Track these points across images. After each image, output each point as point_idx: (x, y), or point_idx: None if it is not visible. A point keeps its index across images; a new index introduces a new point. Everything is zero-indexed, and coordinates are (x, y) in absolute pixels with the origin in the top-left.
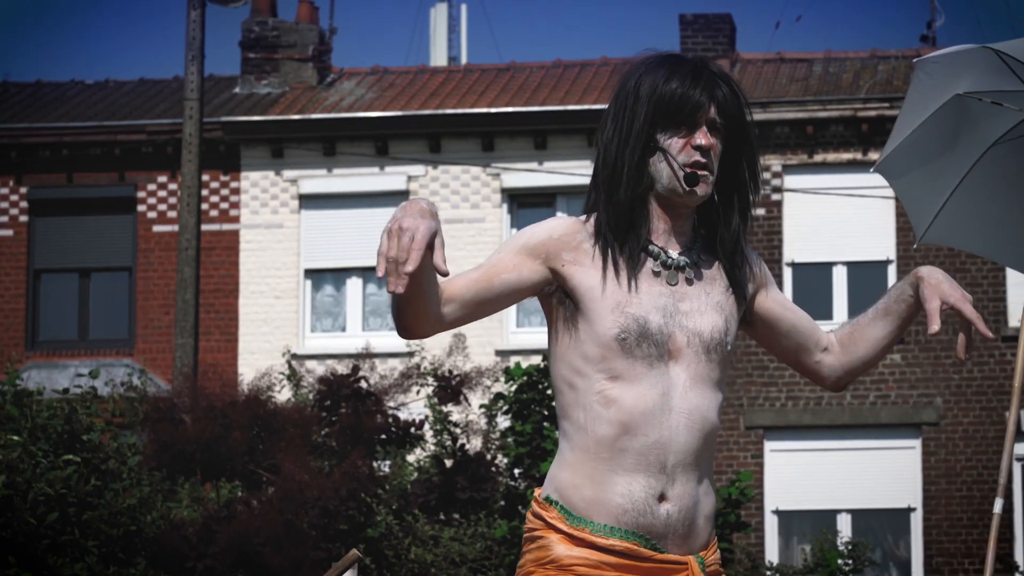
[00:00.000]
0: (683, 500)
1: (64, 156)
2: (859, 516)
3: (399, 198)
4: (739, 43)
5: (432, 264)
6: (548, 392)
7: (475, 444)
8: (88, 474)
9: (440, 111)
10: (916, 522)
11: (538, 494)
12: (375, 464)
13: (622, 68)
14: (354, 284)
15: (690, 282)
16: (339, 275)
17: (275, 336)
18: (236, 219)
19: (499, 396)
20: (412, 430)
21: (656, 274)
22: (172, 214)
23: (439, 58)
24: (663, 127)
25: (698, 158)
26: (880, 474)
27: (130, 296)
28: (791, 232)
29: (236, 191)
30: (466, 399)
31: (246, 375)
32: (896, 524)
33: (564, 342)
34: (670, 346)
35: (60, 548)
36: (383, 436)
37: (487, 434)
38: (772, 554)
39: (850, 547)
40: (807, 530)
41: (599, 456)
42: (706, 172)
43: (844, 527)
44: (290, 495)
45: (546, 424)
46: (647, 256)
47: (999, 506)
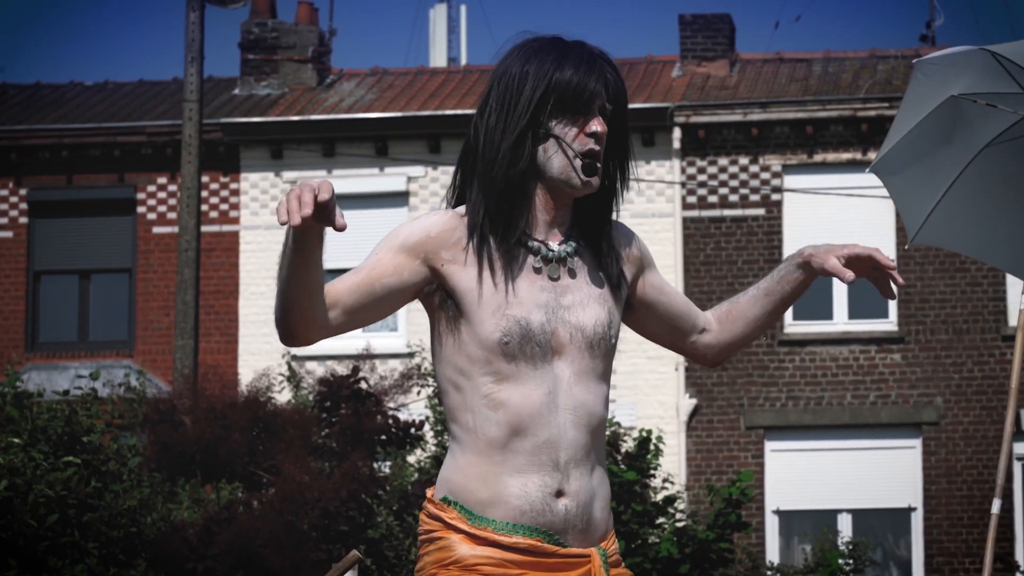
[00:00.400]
0: (580, 495)
1: (64, 158)
2: (860, 516)
3: (399, 199)
4: (738, 43)
5: (319, 260)
6: None
7: None
8: (88, 476)
9: (440, 112)
10: (917, 522)
11: (431, 495)
12: (375, 465)
13: (621, 69)
14: None
15: (572, 273)
16: (339, 276)
17: (275, 337)
18: (236, 220)
19: None
20: (412, 431)
21: (537, 270)
22: (172, 215)
23: (438, 59)
24: (555, 115)
25: (592, 146)
26: (881, 474)
27: (130, 297)
28: (791, 232)
29: (236, 192)
30: None
31: (246, 376)
32: (897, 524)
33: (448, 344)
34: (553, 343)
35: (60, 550)
36: (383, 437)
37: None
38: (773, 554)
39: (851, 547)
40: (808, 530)
41: (491, 459)
42: (599, 161)
43: (845, 527)
44: (290, 496)
45: None
46: (527, 252)
47: (997, 507)
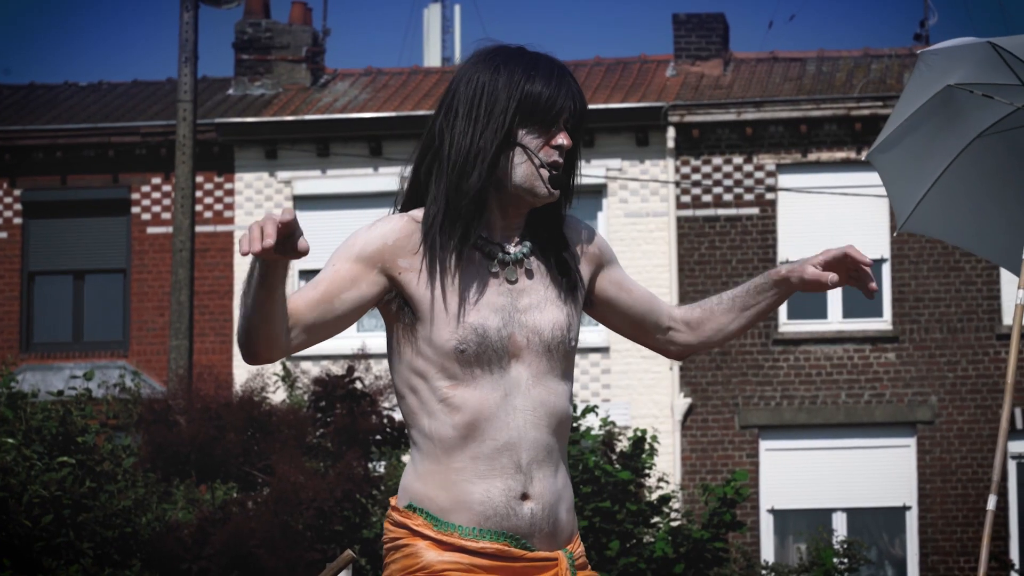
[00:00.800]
0: (545, 497)
1: (58, 158)
2: (854, 515)
3: (393, 199)
4: (732, 42)
5: (283, 289)
6: None
7: None
8: (83, 476)
9: (434, 112)
10: (911, 520)
11: (394, 502)
12: (370, 465)
13: (615, 68)
14: None
15: (530, 275)
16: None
17: None
18: (230, 220)
19: None
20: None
21: (494, 274)
22: (166, 216)
23: (433, 59)
24: (524, 126)
25: (556, 158)
26: (875, 473)
27: (124, 298)
28: (785, 231)
29: (230, 192)
30: None
31: (240, 377)
32: (891, 522)
33: (405, 349)
34: (510, 347)
35: (55, 550)
36: (378, 437)
37: None
38: (768, 553)
39: (845, 546)
40: (803, 529)
41: (451, 466)
42: (560, 173)
43: (839, 526)
44: (285, 496)
45: None
46: (483, 256)
47: (992, 503)
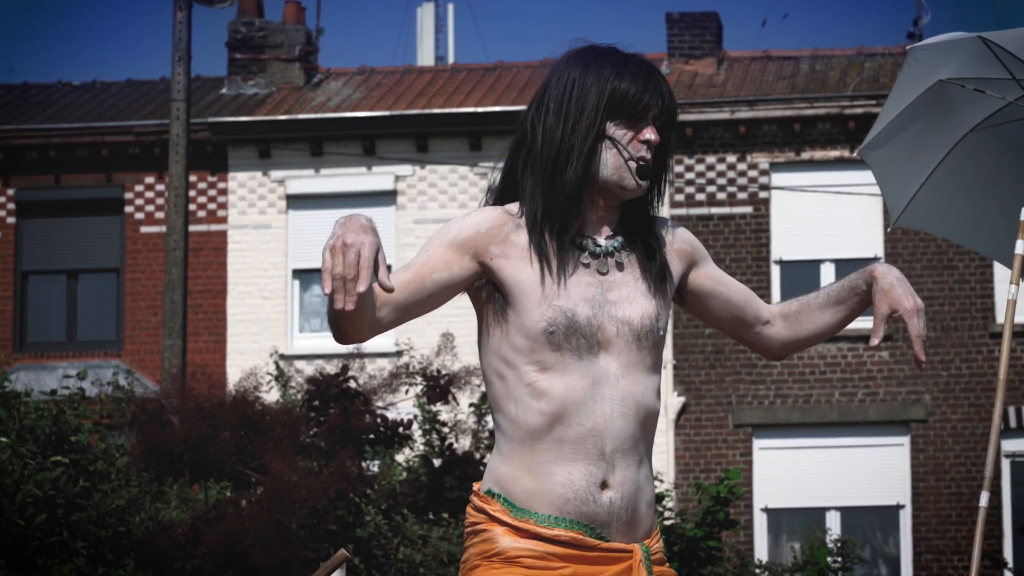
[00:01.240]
0: (625, 487)
1: (51, 157)
2: (848, 513)
3: (387, 198)
4: (726, 41)
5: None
6: None
7: (464, 444)
8: (76, 475)
9: (427, 111)
10: (905, 519)
11: (477, 488)
12: (364, 464)
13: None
14: None
15: (620, 267)
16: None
17: (263, 336)
18: (224, 220)
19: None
20: (401, 430)
21: (585, 265)
22: (160, 215)
23: (426, 58)
24: (612, 120)
25: (644, 153)
26: (869, 471)
27: (118, 297)
28: (779, 230)
29: (223, 192)
30: (454, 398)
31: (234, 376)
32: (885, 521)
33: (494, 335)
34: (599, 337)
35: (48, 550)
36: (372, 436)
37: (476, 433)
38: (761, 552)
39: (839, 544)
40: (796, 528)
41: (535, 447)
42: (649, 166)
43: (833, 524)
44: (279, 495)
45: None
46: (575, 248)
47: (985, 499)
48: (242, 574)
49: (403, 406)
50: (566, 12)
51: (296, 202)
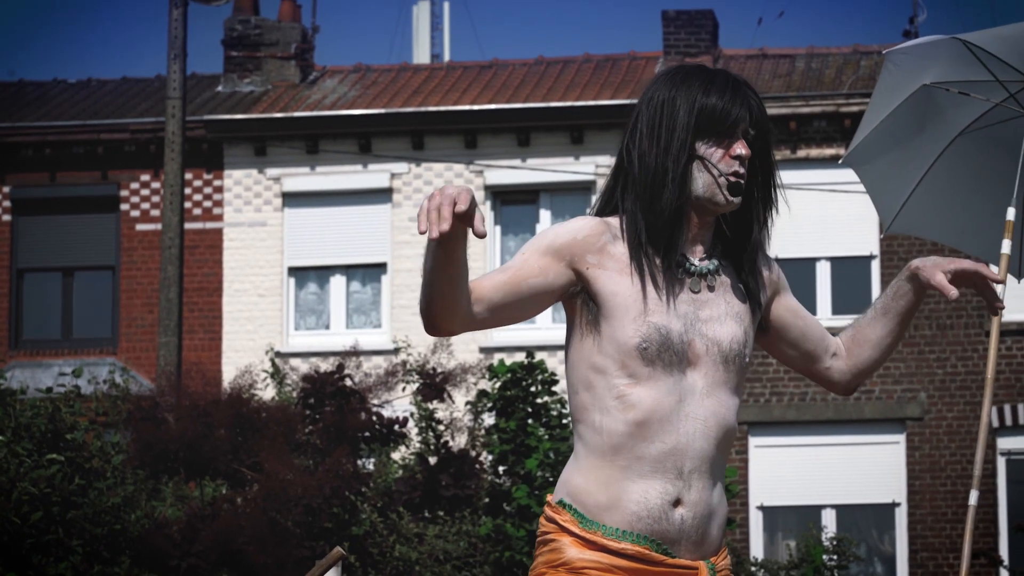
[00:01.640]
0: (698, 507)
1: (47, 155)
2: (844, 511)
3: (382, 196)
4: (721, 39)
5: (463, 254)
6: (532, 389)
7: (460, 441)
8: (72, 473)
9: (423, 108)
10: (901, 517)
11: (551, 499)
12: (359, 462)
13: (604, 65)
14: (338, 282)
15: (712, 288)
16: (323, 273)
17: (259, 334)
18: (219, 217)
19: (483, 394)
20: (396, 428)
21: (679, 281)
22: (155, 213)
23: (422, 56)
24: (702, 138)
25: (737, 168)
26: (864, 469)
27: (113, 295)
28: (775, 228)
29: (219, 189)
30: (450, 396)
31: (229, 374)
32: (881, 519)
33: (586, 343)
34: (689, 354)
35: (44, 547)
36: (367, 434)
37: (473, 431)
38: (757, 550)
39: (835, 542)
40: (792, 526)
41: (615, 463)
42: (743, 181)
43: (829, 522)
44: (274, 493)
45: (530, 421)
46: (669, 264)
47: (974, 498)
48: (237, 572)
49: (399, 404)
50: (562, 10)
51: (292, 200)
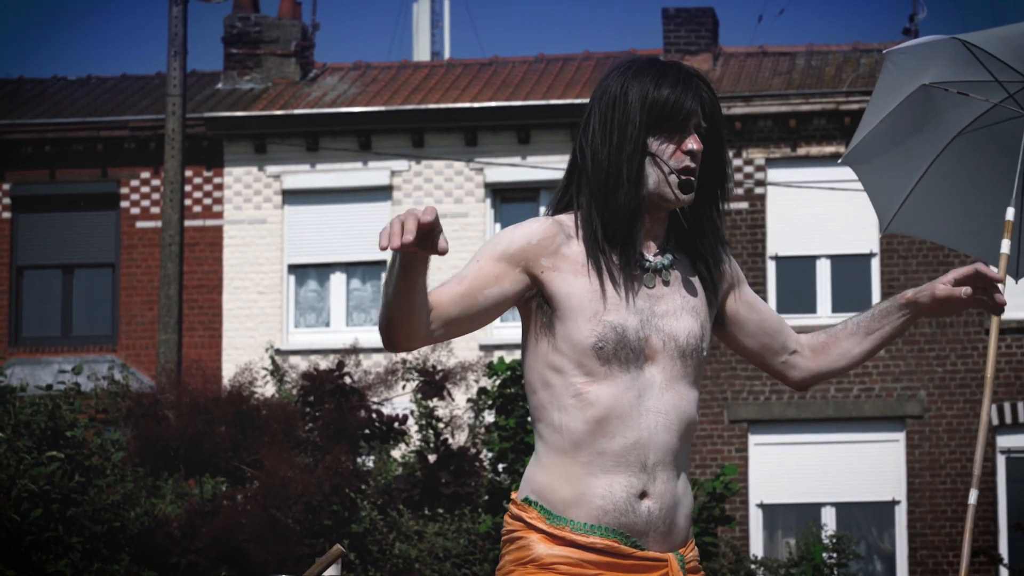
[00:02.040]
0: (664, 498)
1: (47, 152)
2: (843, 509)
3: (382, 193)
4: (721, 37)
5: (423, 282)
6: None
7: (460, 439)
8: (72, 470)
9: (423, 106)
10: (900, 515)
11: (515, 496)
12: (359, 460)
13: (605, 63)
14: (338, 279)
15: (667, 283)
16: (323, 270)
17: (259, 332)
18: (219, 215)
19: (483, 392)
20: (396, 425)
21: (634, 277)
22: (155, 210)
23: (422, 53)
24: (653, 133)
25: (688, 163)
26: (864, 467)
27: (113, 292)
28: (774, 226)
29: (219, 187)
30: (450, 394)
31: (229, 371)
32: (880, 517)
33: (542, 345)
34: (646, 350)
35: (44, 544)
36: (367, 431)
37: (472, 429)
38: (757, 547)
39: (835, 540)
40: (792, 523)
41: (577, 460)
42: (694, 178)
43: (829, 520)
44: (274, 491)
45: (529, 419)
46: (624, 261)
47: (974, 497)
48: (237, 569)
49: (399, 401)
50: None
51: (292, 197)
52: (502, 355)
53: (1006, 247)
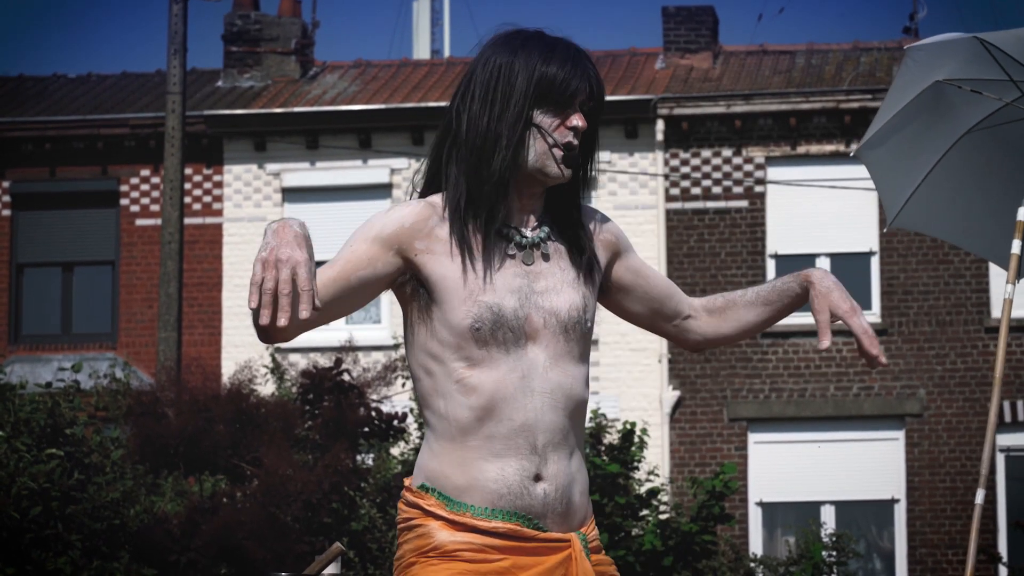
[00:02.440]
0: (559, 479)
1: (47, 150)
2: (843, 508)
3: (382, 191)
4: (722, 35)
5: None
6: None
7: None
8: (71, 468)
9: (423, 104)
10: (900, 513)
11: (408, 483)
12: (358, 457)
13: (604, 61)
14: None
15: (546, 258)
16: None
17: None
18: (219, 212)
19: None
20: (395, 423)
21: (511, 256)
22: (155, 208)
23: (422, 51)
24: (539, 107)
25: (571, 139)
26: (864, 466)
27: (113, 290)
28: (774, 224)
29: (219, 184)
30: None
31: (229, 369)
32: (880, 515)
33: (420, 331)
34: (527, 328)
35: (43, 542)
36: (366, 429)
37: None
38: (756, 546)
39: (834, 539)
40: (791, 522)
41: (466, 445)
42: (576, 153)
43: (828, 519)
44: (273, 489)
45: None
46: (500, 238)
47: (981, 497)
48: (236, 567)
49: (398, 399)
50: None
51: (292, 195)
52: None
53: (1016, 247)
